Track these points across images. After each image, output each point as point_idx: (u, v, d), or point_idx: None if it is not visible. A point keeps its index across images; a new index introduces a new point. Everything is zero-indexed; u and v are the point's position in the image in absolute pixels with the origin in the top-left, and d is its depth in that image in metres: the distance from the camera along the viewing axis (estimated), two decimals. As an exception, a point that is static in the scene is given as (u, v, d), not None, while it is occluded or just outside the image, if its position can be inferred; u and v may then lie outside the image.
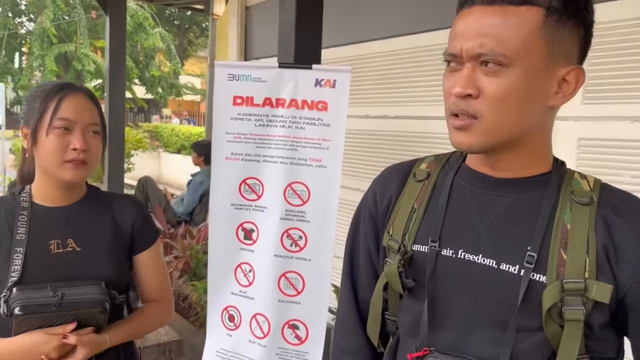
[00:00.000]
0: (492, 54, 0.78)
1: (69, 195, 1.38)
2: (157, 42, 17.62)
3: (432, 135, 2.65)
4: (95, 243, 1.36)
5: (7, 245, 1.29)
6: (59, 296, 1.22)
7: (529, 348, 0.81)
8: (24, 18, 18.38)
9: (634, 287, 0.78)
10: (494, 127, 0.81)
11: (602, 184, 0.85)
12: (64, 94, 1.30)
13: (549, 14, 0.78)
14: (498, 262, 0.84)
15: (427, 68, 2.68)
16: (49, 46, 16.27)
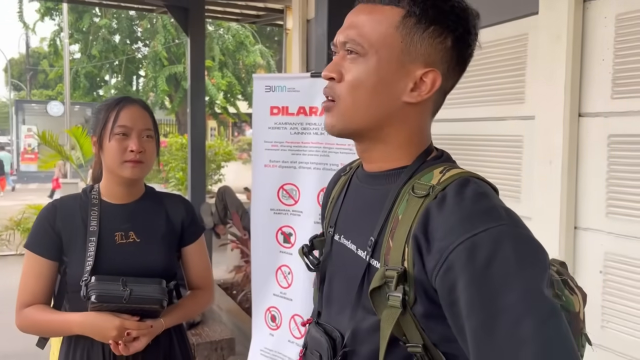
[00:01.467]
0: (352, 43, 0.86)
1: (130, 194, 1.61)
2: (257, 59, 18.48)
3: (476, 137, 2.58)
4: (152, 235, 1.59)
5: (82, 235, 1.52)
6: (128, 291, 1.43)
7: (369, 327, 0.86)
8: (140, 44, 20.12)
9: (438, 280, 0.76)
10: (348, 110, 0.87)
11: (458, 179, 0.83)
12: (122, 106, 1.55)
13: (408, 15, 0.85)
14: (357, 248, 0.91)
15: (470, 69, 2.62)
16: (161, 68, 17.68)
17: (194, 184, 5.32)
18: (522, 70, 2.30)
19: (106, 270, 1.48)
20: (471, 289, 0.71)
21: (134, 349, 1.45)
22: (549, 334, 0.68)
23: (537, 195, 2.18)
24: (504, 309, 0.69)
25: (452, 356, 0.80)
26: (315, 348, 0.94)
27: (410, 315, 0.80)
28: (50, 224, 1.54)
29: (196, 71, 5.22)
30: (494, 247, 0.72)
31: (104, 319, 1.43)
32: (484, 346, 0.70)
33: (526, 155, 2.27)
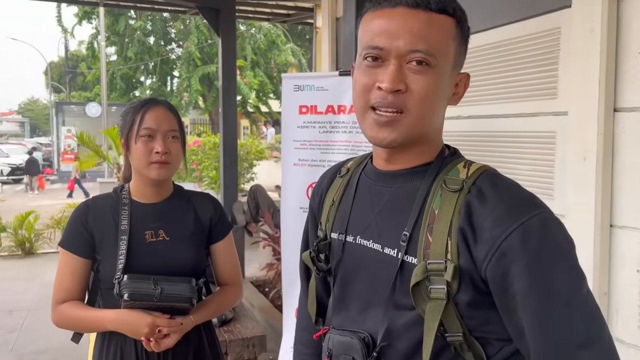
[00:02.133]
0: (426, 54, 0.86)
1: (158, 193, 1.64)
2: (288, 58, 18.56)
3: (506, 134, 2.54)
4: (181, 234, 1.62)
5: (113, 234, 1.56)
6: (159, 290, 1.46)
7: (406, 324, 0.88)
8: (173, 45, 20.47)
9: (490, 268, 0.81)
10: (417, 122, 0.88)
11: (484, 172, 0.89)
12: (147, 108, 1.57)
13: (459, 25, 0.89)
14: (382, 247, 0.92)
15: (499, 65, 2.58)
16: (194, 68, 17.94)
17: (226, 183, 5.40)
18: (554, 65, 2.25)
19: (137, 268, 1.52)
20: (529, 272, 0.79)
21: (165, 346, 1.49)
22: (589, 301, 0.81)
23: (570, 192, 2.13)
24: (559, 288, 0.79)
25: (485, 340, 0.86)
26: (346, 352, 0.93)
27: (452, 306, 0.83)
28: (82, 223, 1.58)
29: (228, 71, 5.28)
30: (543, 232, 0.81)
31: (136, 317, 1.47)
32: (545, 320, 0.79)
33: (559, 151, 2.22)
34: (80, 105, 26.20)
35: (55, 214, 8.38)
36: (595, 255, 2.02)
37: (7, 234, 7.78)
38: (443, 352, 0.86)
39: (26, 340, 4.41)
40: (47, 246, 8.05)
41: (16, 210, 9.07)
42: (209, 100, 19.01)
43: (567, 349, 0.78)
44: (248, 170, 10.85)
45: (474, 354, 0.86)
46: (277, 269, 4.93)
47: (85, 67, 29.60)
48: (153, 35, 19.49)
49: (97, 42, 19.25)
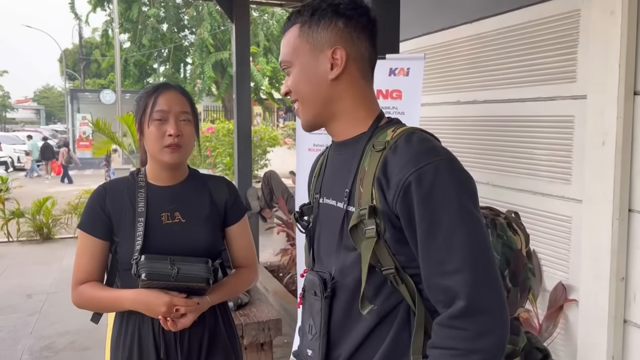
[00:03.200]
0: (283, 61, 1.17)
1: (174, 176, 1.65)
2: (301, 44, 18.45)
3: (523, 118, 2.52)
4: (197, 216, 1.63)
5: (130, 216, 1.58)
6: (175, 270, 1.48)
7: (351, 261, 1.08)
8: (186, 32, 20.44)
9: (398, 206, 1.00)
10: (306, 105, 1.15)
11: (405, 133, 1.06)
12: (159, 92, 1.58)
13: (303, 25, 1.14)
14: (336, 202, 1.14)
15: (515, 48, 2.55)
16: (207, 55, 17.92)
17: (240, 169, 5.41)
18: (573, 48, 2.22)
19: (154, 249, 1.53)
20: (420, 207, 0.97)
21: (181, 325, 1.51)
22: (473, 240, 0.96)
23: (588, 177, 2.11)
24: (442, 223, 0.97)
25: (417, 277, 1.03)
26: (311, 287, 1.15)
27: (383, 243, 1.03)
28: (100, 206, 1.60)
29: (241, 57, 5.27)
30: (435, 175, 0.98)
31: (154, 296, 1.49)
32: (427, 249, 0.98)
33: (577, 136, 2.20)
34: (95, 92, 26.39)
35: (72, 200, 8.48)
36: (613, 240, 2.00)
37: (26, 220, 7.89)
38: (382, 287, 1.05)
39: (46, 323, 4.49)
40: (64, 231, 8.16)
41: (33, 196, 9.20)
42: (222, 87, 19.00)
43: (439, 272, 0.97)
44: (262, 156, 10.88)
45: (407, 288, 1.03)
46: (291, 254, 4.96)
47: (99, 54, 29.72)
48: (166, 22, 19.46)
49: (111, 29, 19.31)
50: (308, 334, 1.16)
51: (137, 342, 1.58)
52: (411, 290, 1.03)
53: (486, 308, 0.95)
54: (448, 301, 0.96)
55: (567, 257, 2.27)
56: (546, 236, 2.37)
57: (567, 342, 2.29)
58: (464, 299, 0.94)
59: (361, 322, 1.08)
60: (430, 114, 3.08)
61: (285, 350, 3.58)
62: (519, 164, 2.52)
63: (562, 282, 2.27)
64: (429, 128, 1.37)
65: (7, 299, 5.17)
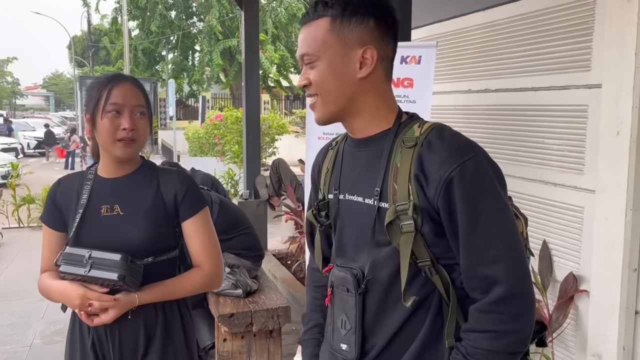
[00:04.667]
0: (307, 54, 1.13)
1: (122, 168, 1.60)
2: (310, 31, 18.35)
3: (535, 107, 2.49)
4: (136, 210, 1.57)
5: (74, 209, 1.59)
6: (88, 265, 1.45)
7: (385, 256, 1.11)
8: (195, 19, 20.39)
9: (439, 201, 1.04)
10: (327, 100, 1.14)
11: (435, 129, 1.10)
12: (114, 83, 1.52)
13: (334, 19, 1.11)
14: (364, 198, 1.15)
15: (528, 36, 2.52)
16: (216, 42, 17.87)
17: (249, 157, 5.42)
18: (588, 37, 2.18)
19: (86, 240, 1.52)
20: (462, 200, 1.02)
21: (99, 321, 1.48)
22: (509, 231, 1.04)
23: (602, 167, 2.09)
24: (483, 214, 1.03)
25: (450, 268, 1.09)
26: (342, 284, 1.18)
27: (420, 237, 1.06)
28: (52, 199, 1.63)
29: (250, 44, 5.25)
30: (475, 170, 1.03)
31: (70, 288, 1.48)
32: (469, 239, 1.03)
33: (591, 125, 2.18)
34: (104, 79, 26.36)
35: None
36: (626, 231, 1.99)
37: (36, 206, 7.96)
38: (416, 277, 1.09)
39: (56, 308, 4.52)
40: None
41: (43, 182, 9.25)
42: (230, 75, 18.97)
43: (480, 262, 1.03)
44: (270, 144, 10.88)
45: (441, 278, 1.08)
46: (299, 242, 4.97)
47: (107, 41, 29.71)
48: (174, 9, 19.42)
49: (120, 16, 19.28)
50: (341, 329, 1.19)
51: (79, 335, 1.60)
52: (444, 280, 1.09)
53: (521, 293, 1.03)
54: (486, 288, 1.04)
55: (579, 247, 2.25)
56: (557, 226, 2.36)
57: (577, 332, 2.28)
58: (503, 287, 1.02)
59: (396, 312, 1.12)
60: (441, 102, 3.06)
61: (294, 338, 3.60)
62: (530, 153, 2.49)
63: (573, 272, 2.26)
64: (440, 117, 1.36)
65: (19, 283, 5.23)
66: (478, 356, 1.04)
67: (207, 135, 11.33)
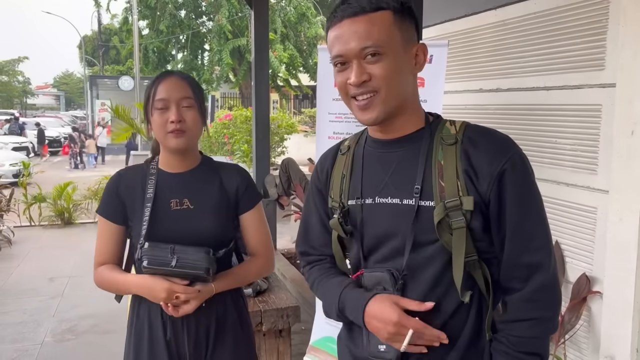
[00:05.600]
0: (374, 47, 1.08)
1: (185, 164, 1.67)
2: (318, 31, 18.34)
3: (547, 107, 2.47)
4: (205, 203, 1.65)
5: (140, 202, 1.62)
6: (175, 259, 1.52)
7: (432, 254, 1.11)
8: (204, 18, 20.42)
9: (492, 192, 1.07)
10: (389, 97, 1.11)
11: (466, 125, 1.14)
12: (160, 80, 1.60)
13: (396, 13, 1.10)
14: (401, 199, 1.14)
15: (540, 35, 2.50)
16: (225, 42, 17.88)
17: (258, 156, 5.42)
18: (602, 35, 2.16)
19: (160, 234, 1.56)
20: (514, 191, 1.07)
21: (183, 312, 1.54)
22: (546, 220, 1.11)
23: (616, 167, 2.07)
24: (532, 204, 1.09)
25: (489, 262, 1.11)
26: (378, 284, 1.16)
27: (468, 232, 1.07)
28: (115, 191, 1.65)
29: (260, 44, 5.24)
30: (522, 162, 1.09)
31: (155, 282, 1.53)
32: (519, 228, 1.07)
33: (604, 125, 2.15)
34: (114, 79, 26.57)
35: (92, 185, 8.59)
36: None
37: (47, 204, 8.02)
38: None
39: (67, 306, 4.58)
40: (84, 216, 8.28)
41: (54, 181, 9.33)
42: (239, 74, 18.98)
43: (526, 249, 1.08)
44: (279, 144, 10.88)
45: (482, 272, 1.10)
46: (309, 241, 4.96)
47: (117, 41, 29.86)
48: (184, 8, 19.47)
49: (131, 15, 19.36)
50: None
51: (147, 327, 1.63)
52: (485, 274, 1.11)
53: (557, 280, 1.10)
54: (527, 276, 1.08)
55: (592, 248, 2.23)
56: (570, 227, 2.33)
57: (590, 334, 2.26)
58: (544, 273, 1.07)
59: (440, 310, 1.12)
60: (452, 101, 3.04)
61: (303, 337, 3.60)
62: (542, 153, 2.47)
63: (585, 273, 2.23)
64: (451, 116, 1.36)
65: (30, 282, 5.28)
66: (522, 345, 1.07)
67: (216, 135, 11.37)
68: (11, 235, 6.78)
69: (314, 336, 2.96)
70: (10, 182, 10.71)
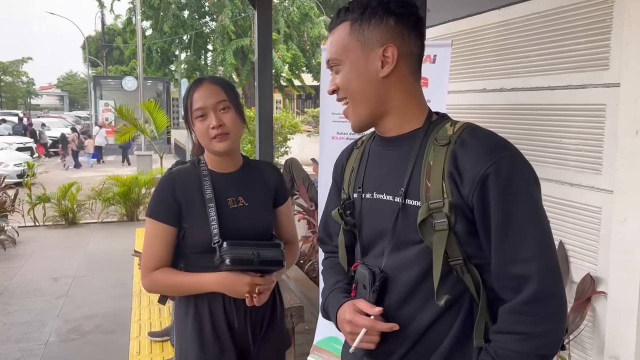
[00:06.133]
0: (331, 59, 1.17)
1: (232, 164, 1.77)
2: (321, 31, 18.35)
3: (551, 106, 2.46)
4: (257, 199, 1.77)
5: (199, 202, 1.68)
6: (257, 256, 1.63)
7: (416, 254, 1.11)
8: (207, 18, 20.45)
9: (474, 199, 1.04)
10: (358, 103, 1.16)
11: (467, 127, 1.11)
12: (194, 90, 1.69)
13: (354, 22, 1.14)
14: (393, 197, 1.15)
15: (544, 35, 2.49)
16: (228, 42, 17.91)
17: (262, 156, 5.38)
18: (606, 35, 2.15)
19: (227, 232, 1.64)
20: (497, 198, 1.02)
21: (261, 301, 1.66)
22: (543, 230, 1.03)
23: (620, 167, 2.06)
24: (518, 213, 1.02)
25: (481, 268, 1.08)
26: (361, 280, 1.20)
27: (453, 235, 1.06)
28: (171, 194, 1.68)
29: (263, 44, 5.22)
30: (510, 168, 1.03)
31: (237, 278, 1.63)
32: (503, 237, 1.03)
33: (609, 125, 2.15)
34: (117, 79, 26.63)
35: (96, 186, 8.61)
36: (645, 232, 1.96)
37: (51, 205, 8.04)
38: (448, 276, 1.08)
39: (72, 307, 4.59)
40: (88, 217, 8.31)
41: (58, 181, 9.36)
42: (243, 74, 19.01)
43: (512, 260, 1.02)
44: (282, 144, 10.89)
45: (472, 278, 1.07)
46: (312, 241, 4.97)
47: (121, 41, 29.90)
48: (187, 8, 19.50)
49: (134, 16, 19.41)
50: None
51: (209, 320, 1.70)
52: (475, 279, 1.08)
53: (553, 294, 1.02)
54: (517, 287, 1.02)
55: (596, 248, 2.22)
56: (574, 227, 2.33)
57: (594, 334, 2.25)
58: (535, 286, 1.00)
59: (424, 311, 1.12)
60: (456, 101, 3.04)
61: (307, 337, 3.61)
62: (546, 153, 2.47)
63: (590, 273, 2.23)
64: (454, 116, 1.35)
65: (35, 282, 5.30)
66: (507, 358, 1.02)
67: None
68: (16, 235, 6.81)
69: (318, 336, 2.96)
70: (15, 182, 10.77)
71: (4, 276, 5.50)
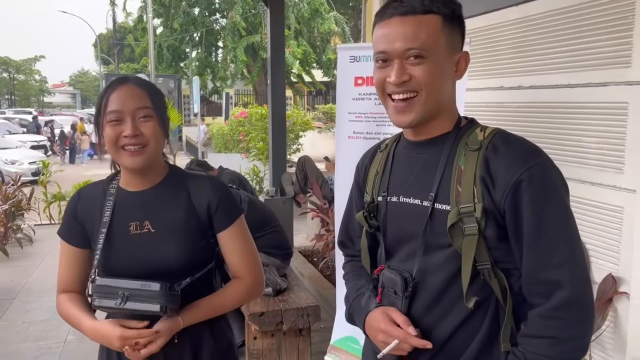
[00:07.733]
0: (419, 49, 1.10)
1: (146, 180, 1.46)
2: (332, 27, 18.30)
3: (572, 105, 2.43)
4: (169, 225, 1.43)
5: (98, 226, 1.44)
6: (124, 299, 1.34)
7: (445, 259, 1.12)
8: (218, 15, 20.49)
9: (507, 202, 1.04)
10: (428, 100, 1.12)
11: (497, 133, 1.12)
12: (112, 89, 1.39)
13: (445, 19, 1.11)
14: (421, 201, 1.15)
15: (564, 32, 2.46)
16: (239, 39, 17.92)
17: (275, 154, 5.43)
18: (629, 32, 2.12)
19: (116, 264, 1.41)
20: (530, 204, 1.03)
21: (147, 352, 1.37)
22: (574, 236, 1.05)
23: (643, 166, 2.03)
24: (550, 219, 1.03)
25: (508, 272, 1.09)
26: (391, 286, 1.19)
27: (482, 240, 1.07)
28: (72, 214, 1.49)
29: (276, 42, 5.24)
30: (543, 174, 1.05)
31: (107, 329, 1.37)
32: (535, 243, 1.03)
33: (631, 123, 2.12)
34: (129, 77, 26.72)
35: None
36: (669, 232, 1.93)
37: (67, 202, 8.11)
38: (475, 280, 1.09)
39: (88, 304, 4.63)
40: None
41: (72, 179, 9.43)
42: (254, 71, 19.02)
43: (545, 266, 1.03)
44: (294, 141, 10.90)
45: (499, 282, 1.08)
46: (326, 239, 4.97)
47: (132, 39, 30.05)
48: (198, 5, 19.54)
49: (145, 14, 19.49)
50: None
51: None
52: (502, 284, 1.08)
53: (584, 299, 1.03)
54: (549, 292, 1.03)
55: (618, 248, 2.20)
56: (595, 226, 2.30)
57: (616, 335, 2.23)
58: (568, 291, 1.01)
59: (452, 315, 1.12)
60: (473, 99, 3.01)
61: (322, 336, 3.61)
62: (566, 152, 2.44)
63: (612, 274, 2.20)
64: (471, 114, 1.34)
65: (52, 279, 5.31)
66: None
67: (231, 132, 11.40)
68: (32, 234, 6.87)
69: (335, 335, 2.96)
70: (30, 180, 10.88)
71: (22, 274, 5.55)
